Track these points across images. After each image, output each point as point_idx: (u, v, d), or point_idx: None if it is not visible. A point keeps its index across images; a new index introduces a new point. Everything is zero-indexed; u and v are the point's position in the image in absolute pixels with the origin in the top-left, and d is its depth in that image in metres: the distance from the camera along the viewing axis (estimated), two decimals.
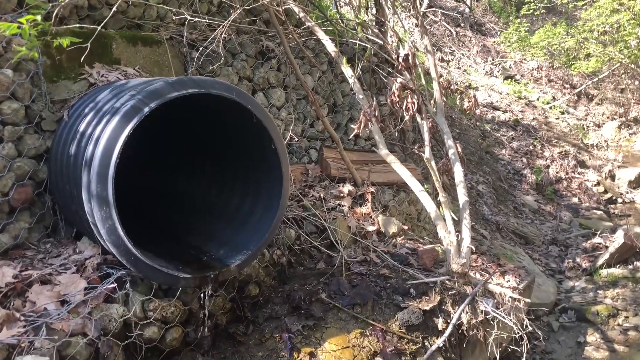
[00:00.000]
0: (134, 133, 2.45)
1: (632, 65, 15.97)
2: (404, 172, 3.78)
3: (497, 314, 3.35)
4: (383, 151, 3.91)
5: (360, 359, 3.02)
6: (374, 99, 3.39)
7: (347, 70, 3.92)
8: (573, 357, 4.84)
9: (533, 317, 5.31)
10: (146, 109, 2.44)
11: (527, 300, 3.51)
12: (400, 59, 3.27)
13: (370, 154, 4.86)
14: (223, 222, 3.22)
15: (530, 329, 3.43)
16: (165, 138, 3.76)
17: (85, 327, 2.41)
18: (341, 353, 3.01)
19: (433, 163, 3.45)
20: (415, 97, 3.30)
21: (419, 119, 3.57)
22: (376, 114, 3.28)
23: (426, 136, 3.48)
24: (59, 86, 3.17)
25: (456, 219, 3.44)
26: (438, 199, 3.47)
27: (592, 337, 5.13)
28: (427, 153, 3.39)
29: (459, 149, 3.90)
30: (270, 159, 2.93)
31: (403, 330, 3.22)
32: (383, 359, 3.05)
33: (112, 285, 2.54)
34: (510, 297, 3.46)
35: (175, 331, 2.75)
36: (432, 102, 4.03)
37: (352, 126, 3.46)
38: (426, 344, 3.23)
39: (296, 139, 4.24)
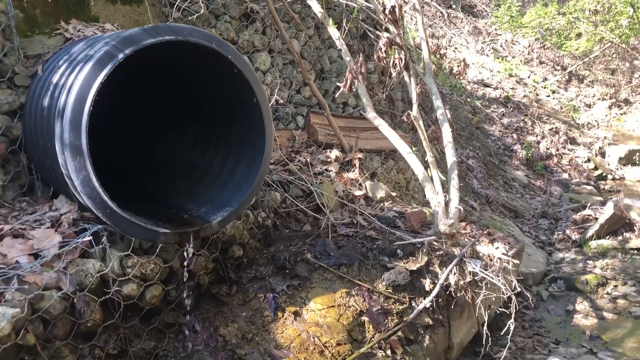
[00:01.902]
0: (116, 94, 2.37)
1: (623, 45, 15.94)
2: (391, 135, 3.71)
3: (486, 274, 3.30)
4: (370, 114, 3.83)
5: (346, 318, 2.97)
6: (361, 56, 3.30)
7: (333, 32, 3.82)
8: (562, 325, 4.82)
9: (522, 284, 5.29)
10: (120, 55, 2.34)
11: (516, 261, 3.46)
12: (387, 11, 3.18)
13: (358, 120, 4.78)
14: (206, 182, 3.13)
15: (518, 289, 3.39)
16: (148, 101, 3.66)
17: (60, 282, 2.33)
18: (327, 312, 2.96)
19: (421, 122, 3.38)
20: (403, 53, 3.21)
21: (406, 78, 3.48)
22: (362, 71, 3.20)
23: (414, 94, 3.40)
24: (33, 41, 3.06)
25: (444, 179, 3.37)
26: (426, 159, 3.40)
27: (581, 305, 5.12)
28: (414, 111, 3.32)
29: (449, 115, 3.83)
30: (253, 114, 2.84)
31: (390, 291, 3.17)
32: (369, 318, 3.00)
33: (88, 239, 2.45)
34: (498, 258, 3.41)
35: (155, 289, 2.68)
36: (421, 65, 3.95)
37: (339, 84, 3.38)
38: (413, 304, 3.18)
39: (282, 101, 4.14)
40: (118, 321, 2.55)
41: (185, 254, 2.76)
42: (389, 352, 2.93)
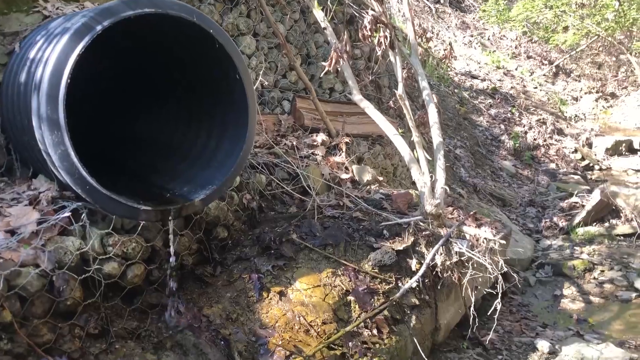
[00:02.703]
0: (98, 75, 2.32)
1: (609, 39, 16.04)
2: (378, 117, 3.69)
3: (472, 254, 3.29)
4: (357, 96, 3.80)
5: (332, 298, 2.94)
6: (345, 34, 3.27)
7: (318, 13, 3.79)
8: (550, 309, 4.83)
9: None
10: (99, 27, 2.29)
11: (502, 242, 3.45)
12: None
13: (345, 105, 4.74)
14: (188, 162, 3.09)
15: (505, 269, 3.38)
16: (130, 81, 3.60)
17: (38, 259, 2.28)
18: (312, 292, 2.93)
19: (407, 102, 3.35)
20: (388, 31, 3.18)
21: (391, 57, 3.46)
22: (347, 50, 3.16)
23: (399, 73, 3.37)
24: (11, 19, 2.99)
25: (430, 159, 3.35)
26: (411, 139, 3.38)
27: (569, 290, 5.13)
28: (400, 90, 3.29)
29: (435, 98, 3.81)
30: (236, 90, 2.80)
31: (376, 271, 3.15)
32: (355, 298, 2.98)
33: (67, 215, 2.40)
34: (485, 238, 3.40)
35: (137, 268, 2.63)
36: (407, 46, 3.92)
37: (323, 63, 3.35)
38: (399, 284, 3.16)
39: (267, 83, 4.10)
40: (99, 300, 2.50)
41: (166, 232, 2.72)
42: (375, 331, 2.91)
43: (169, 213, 2.60)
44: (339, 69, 3.28)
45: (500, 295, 3.34)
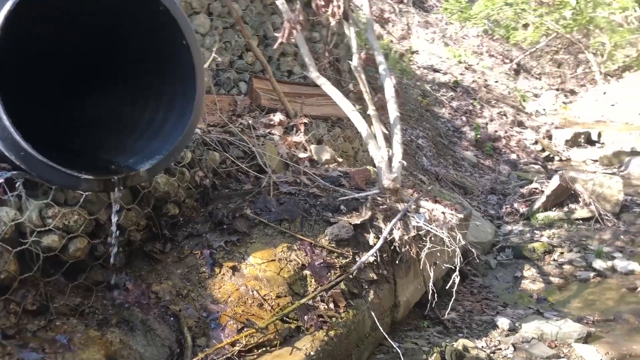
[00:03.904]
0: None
1: (568, 36, 16.41)
2: (335, 94, 3.63)
3: (430, 228, 3.25)
4: (313, 73, 3.73)
5: (287, 272, 2.86)
6: (299, 3, 3.20)
7: None
8: (510, 290, 4.85)
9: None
10: None
11: (460, 215, 3.42)
12: None
13: (304, 87, 4.68)
14: (136, 135, 2.96)
15: (463, 242, 3.35)
16: (76, 58, 3.45)
17: None
18: (267, 266, 2.85)
19: (363, 76, 3.30)
20: (342, 0, 3.13)
21: (346, 29, 3.40)
22: (301, 19, 3.09)
23: (353, 43, 3.32)
24: None
25: (387, 132, 3.31)
26: (368, 113, 3.33)
27: (529, 271, 5.16)
28: (354, 61, 3.23)
29: (393, 81, 3.77)
30: (183, 58, 2.69)
31: (333, 245, 3.09)
32: (311, 272, 2.91)
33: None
34: (442, 212, 3.37)
35: (80, 242, 2.50)
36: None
37: (276, 35, 3.27)
38: (357, 258, 3.10)
39: (220, 60, 4.00)
40: (37, 275, 2.36)
41: (112, 205, 2.60)
42: (331, 305, 2.84)
43: (113, 184, 2.48)
44: (293, 40, 3.21)
45: (458, 269, 3.31)
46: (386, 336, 3.06)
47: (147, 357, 2.35)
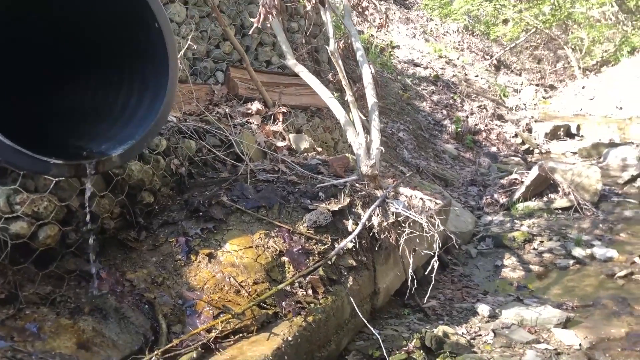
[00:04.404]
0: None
1: (547, 31, 16.59)
2: (312, 81, 3.59)
3: (409, 214, 3.24)
4: (290, 61, 3.70)
5: (265, 259, 2.83)
6: None
7: None
8: (491, 278, 4.86)
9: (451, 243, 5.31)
10: None
11: (439, 202, 3.42)
12: None
13: (282, 76, 4.63)
14: (109, 122, 2.90)
15: (441, 228, 3.34)
16: (49, 47, 3.38)
17: None
18: (244, 253, 2.81)
19: (340, 62, 3.27)
20: None
21: (323, 15, 3.37)
22: (276, 4, 3.05)
23: (330, 28, 3.29)
24: None
25: (364, 118, 3.28)
26: (345, 99, 3.30)
27: (509, 260, 5.18)
28: (331, 46, 3.20)
29: (372, 69, 3.75)
30: (156, 42, 2.64)
31: (311, 232, 3.06)
32: (289, 259, 2.88)
33: None
34: (421, 198, 3.35)
35: (50, 229, 2.44)
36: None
37: (252, 20, 3.22)
38: (336, 245, 3.07)
39: (195, 48, 3.93)
40: (5, 262, 2.30)
41: (85, 192, 2.54)
42: (310, 291, 2.81)
43: (84, 169, 2.42)
44: (270, 29, 3.17)
45: (437, 255, 3.30)
46: (366, 322, 3.04)
47: (120, 344, 2.30)
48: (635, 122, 11.34)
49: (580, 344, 3.53)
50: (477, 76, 12.20)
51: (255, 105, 4.01)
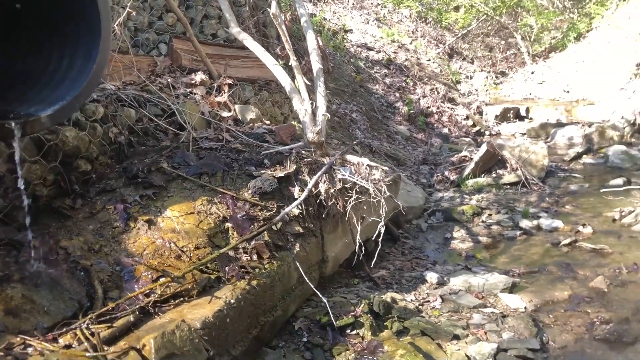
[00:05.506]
0: None
1: (497, 18, 16.90)
2: (256, 48, 3.53)
3: (355, 179, 3.22)
4: (234, 29, 3.62)
5: (207, 224, 2.76)
6: None
7: None
8: (440, 250, 4.91)
9: (402, 219, 5.35)
10: None
11: (385, 168, 3.41)
12: None
13: (228, 48, 4.54)
14: (39, 85, 2.76)
15: (388, 194, 3.34)
16: None
17: None
18: (185, 219, 2.73)
19: (284, 27, 3.21)
20: None
21: None
22: None
23: None
24: None
25: (309, 83, 3.24)
26: (289, 64, 3.25)
27: (459, 232, 5.25)
28: (273, 8, 3.14)
29: (320, 42, 3.71)
30: (87, 2, 2.53)
31: (256, 198, 3.00)
32: (233, 225, 2.82)
33: None
34: (368, 165, 3.34)
35: None
36: None
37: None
38: (282, 211, 3.02)
39: (134, 13, 3.80)
40: None
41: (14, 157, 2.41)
42: (255, 256, 2.76)
43: (11, 131, 2.30)
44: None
45: (384, 220, 3.30)
46: (314, 288, 3.01)
47: (52, 310, 2.20)
48: (581, 104, 11.68)
49: (525, 307, 3.61)
50: (429, 60, 12.32)
51: (200, 76, 3.92)
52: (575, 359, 3.04)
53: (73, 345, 2.01)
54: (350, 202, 3.19)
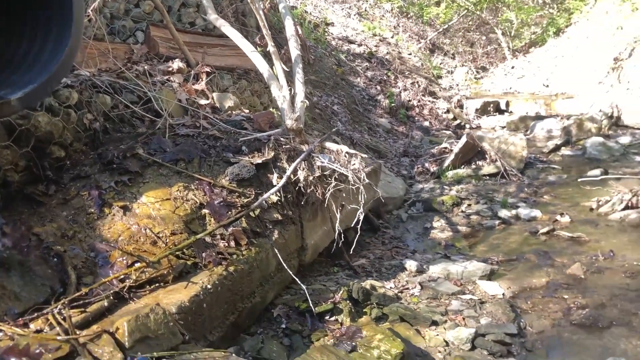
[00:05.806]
0: None
1: (478, 13, 17.01)
2: (234, 34, 3.49)
3: (334, 166, 3.21)
4: (212, 15, 3.58)
5: (183, 210, 2.73)
6: None
7: None
8: (420, 239, 4.93)
9: (383, 209, 5.36)
10: None
11: (364, 156, 3.40)
12: None
13: (207, 37, 4.49)
14: (10, 70, 2.70)
15: (367, 181, 3.33)
16: None
17: None
18: (161, 205, 2.70)
19: (262, 12, 3.18)
20: None
21: None
22: None
23: None
24: None
25: (287, 70, 3.21)
26: (267, 50, 3.22)
27: (438, 222, 5.27)
28: None
29: (300, 33, 3.69)
30: None
31: (234, 185, 2.98)
32: (210, 211, 2.79)
33: None
34: (347, 152, 3.33)
35: None
36: None
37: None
38: (259, 198, 3.00)
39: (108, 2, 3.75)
40: None
41: None
42: (232, 243, 2.73)
43: None
44: None
45: (362, 207, 3.29)
46: (293, 275, 3.00)
47: (24, 296, 2.16)
48: (561, 97, 11.80)
49: (503, 294, 3.63)
50: (410, 54, 12.35)
51: (177, 64, 3.87)
52: (552, 343, 3.07)
53: (44, 330, 1.98)
54: (329, 190, 3.18)
